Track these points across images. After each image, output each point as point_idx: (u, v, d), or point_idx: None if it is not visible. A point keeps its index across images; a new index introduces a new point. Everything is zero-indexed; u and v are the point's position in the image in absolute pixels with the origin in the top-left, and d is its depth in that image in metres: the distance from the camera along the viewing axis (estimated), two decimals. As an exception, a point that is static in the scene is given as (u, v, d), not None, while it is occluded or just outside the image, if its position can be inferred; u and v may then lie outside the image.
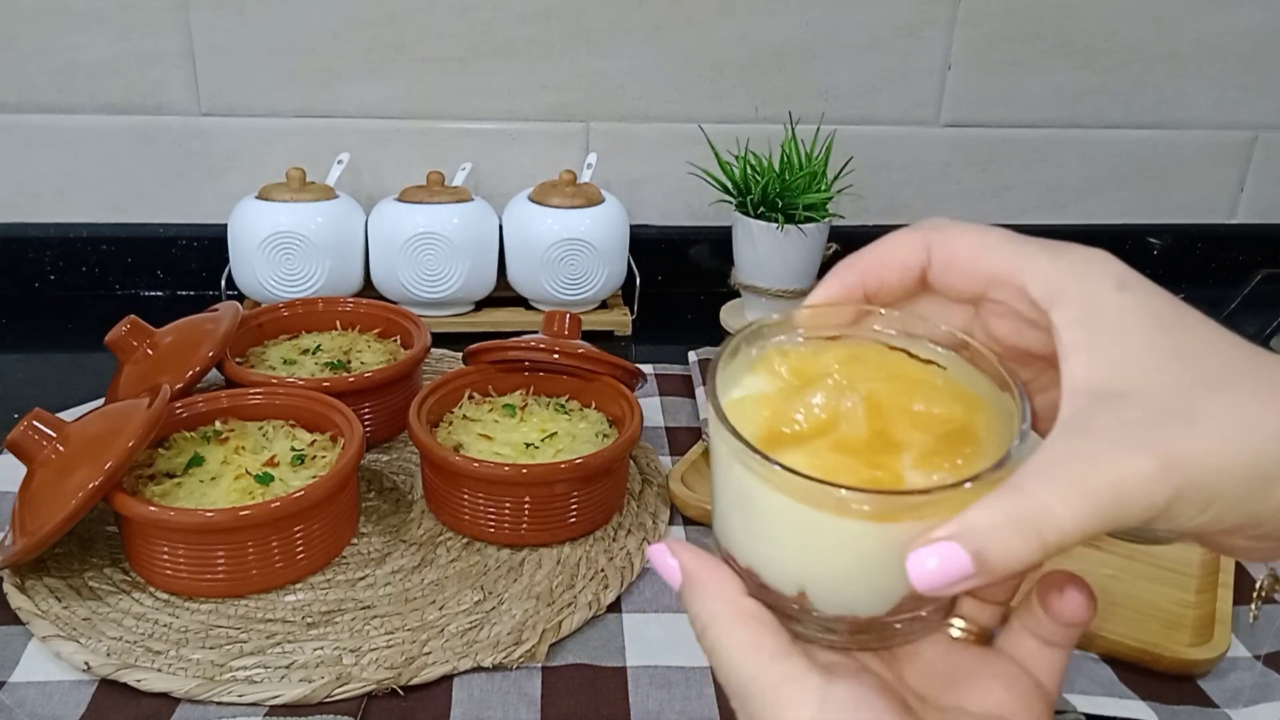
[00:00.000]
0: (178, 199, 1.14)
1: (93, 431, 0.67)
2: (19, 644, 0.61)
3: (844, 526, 0.30)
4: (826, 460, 0.31)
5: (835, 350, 0.35)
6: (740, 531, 0.33)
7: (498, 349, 0.80)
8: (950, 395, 0.33)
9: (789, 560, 0.32)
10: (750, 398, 0.33)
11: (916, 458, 0.31)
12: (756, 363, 0.35)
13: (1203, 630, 0.65)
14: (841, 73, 1.17)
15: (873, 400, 0.33)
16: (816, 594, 0.32)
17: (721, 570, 0.34)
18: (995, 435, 0.32)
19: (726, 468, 0.33)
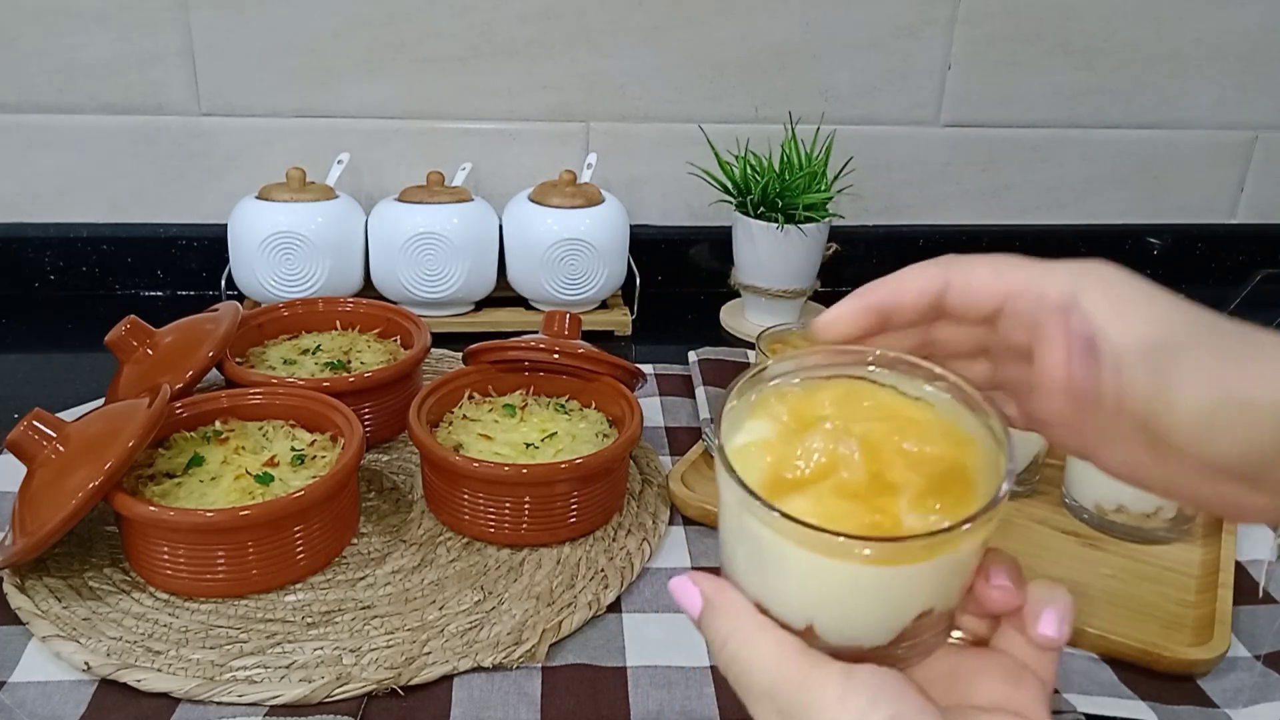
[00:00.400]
0: (178, 199, 1.14)
1: (93, 431, 0.67)
2: (19, 644, 0.61)
3: (849, 569, 0.32)
4: (829, 506, 0.33)
5: (829, 390, 0.37)
6: (748, 569, 0.35)
7: (498, 349, 0.80)
8: (940, 433, 0.35)
9: (796, 597, 0.34)
10: (754, 444, 0.35)
11: (913, 499, 0.33)
12: (756, 405, 0.37)
13: (1203, 630, 0.65)
14: (841, 73, 1.17)
15: (867, 441, 0.34)
16: (824, 627, 0.34)
17: (736, 593, 0.36)
18: (984, 471, 0.35)
19: (736, 513, 0.34)
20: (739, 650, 0.34)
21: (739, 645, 0.35)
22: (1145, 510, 0.73)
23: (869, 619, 0.34)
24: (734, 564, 0.36)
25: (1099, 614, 0.65)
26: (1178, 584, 0.70)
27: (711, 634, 0.36)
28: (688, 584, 0.37)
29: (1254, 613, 0.68)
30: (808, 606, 0.34)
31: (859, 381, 0.38)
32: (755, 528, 0.33)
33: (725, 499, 0.35)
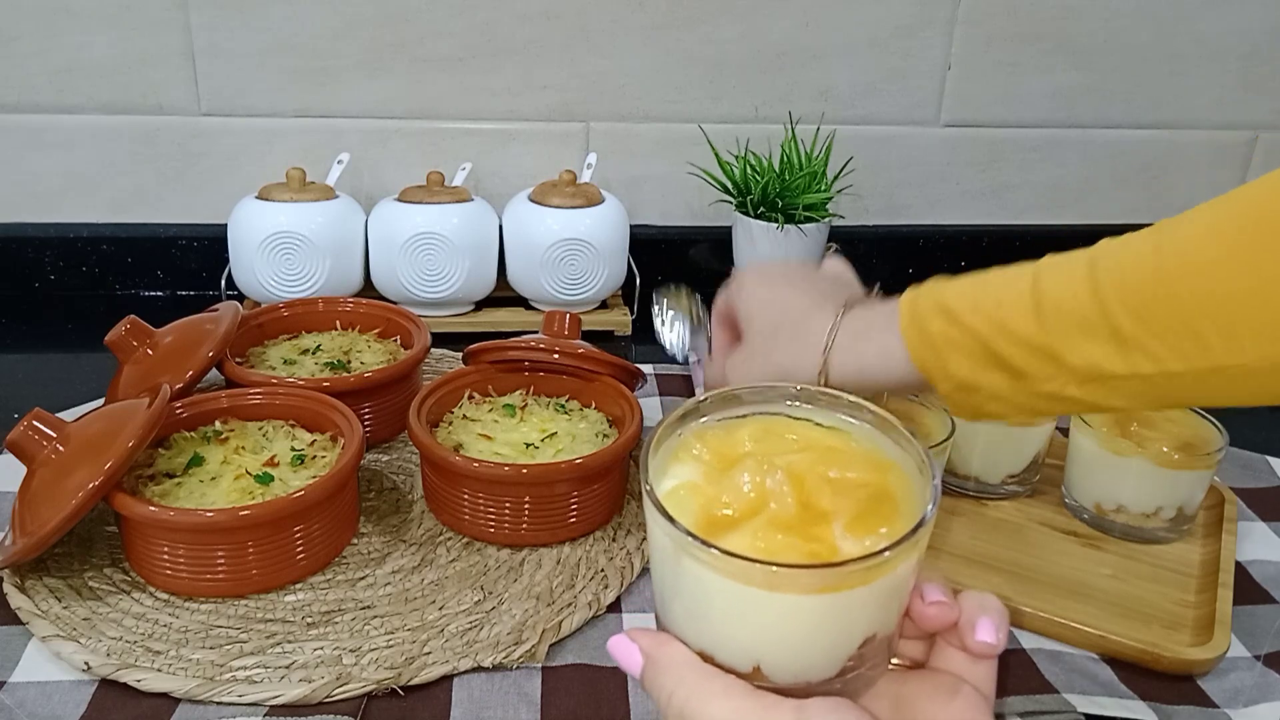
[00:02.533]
0: (178, 199, 1.14)
1: (93, 431, 0.67)
2: (19, 644, 0.61)
3: (793, 602, 0.33)
4: (767, 540, 0.34)
5: (747, 428, 0.38)
6: (689, 617, 0.35)
7: (498, 349, 0.80)
8: (860, 459, 0.37)
9: (742, 638, 0.34)
10: (682, 486, 0.36)
11: (846, 525, 0.34)
12: (678, 449, 0.38)
13: (1203, 630, 0.65)
14: (841, 73, 1.17)
15: (792, 472, 0.35)
16: (771, 666, 0.34)
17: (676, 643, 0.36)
18: (909, 491, 0.36)
19: (673, 558, 0.34)
20: (686, 703, 0.34)
21: (685, 697, 0.34)
22: (1145, 510, 0.73)
23: (815, 651, 0.34)
24: (673, 614, 0.36)
25: (1099, 614, 0.65)
26: (1178, 584, 0.70)
27: (656, 690, 0.35)
28: (626, 643, 0.36)
29: (1254, 613, 0.68)
30: (754, 646, 0.34)
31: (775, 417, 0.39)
32: (695, 570, 0.33)
33: (659, 544, 0.35)
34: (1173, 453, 0.71)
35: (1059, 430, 0.79)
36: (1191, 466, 0.71)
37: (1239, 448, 0.87)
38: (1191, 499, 0.73)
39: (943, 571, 0.69)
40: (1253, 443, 0.89)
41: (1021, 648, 0.64)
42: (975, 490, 0.79)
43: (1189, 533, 0.75)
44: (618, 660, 0.37)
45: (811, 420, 0.39)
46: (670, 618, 0.36)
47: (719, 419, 0.39)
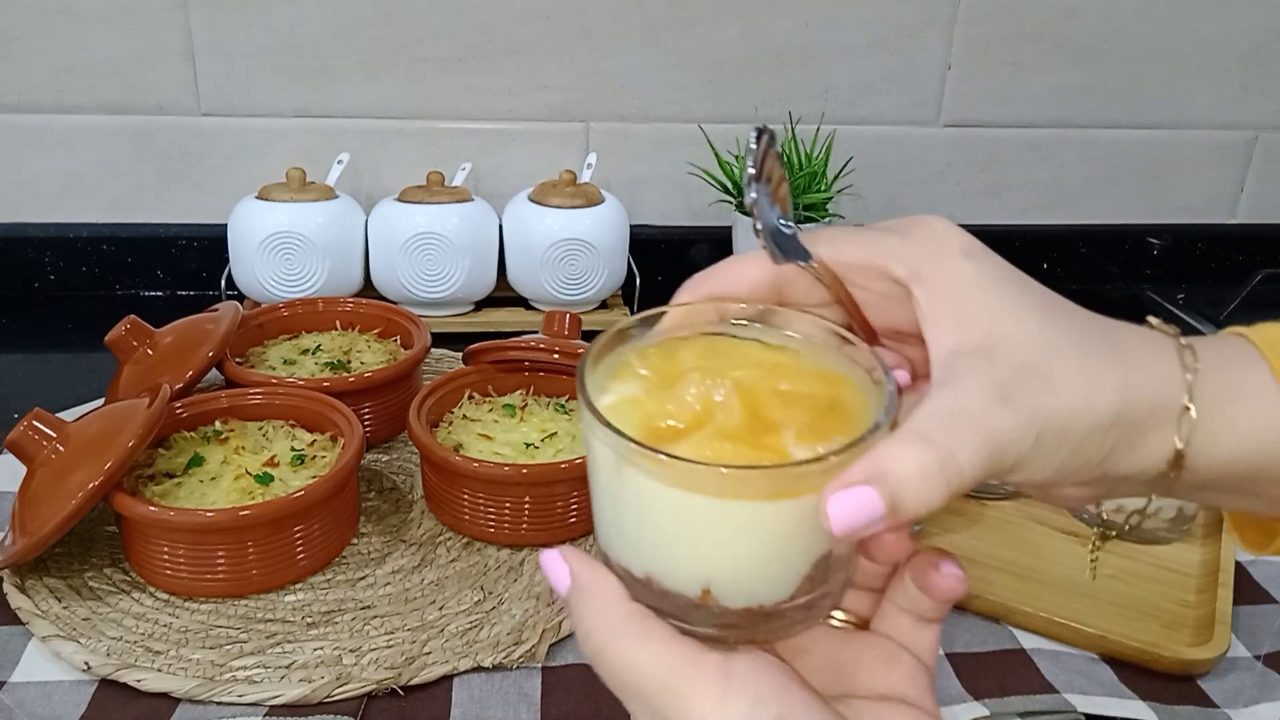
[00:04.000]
0: (178, 199, 1.14)
1: (93, 431, 0.67)
2: (19, 644, 0.61)
3: (747, 511, 0.31)
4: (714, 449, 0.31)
5: (690, 346, 0.36)
6: (635, 539, 0.33)
7: (498, 349, 0.80)
8: (811, 374, 0.34)
9: (692, 557, 0.32)
10: (621, 401, 0.33)
11: (798, 434, 0.32)
12: (618, 368, 0.35)
13: (1203, 630, 0.65)
14: (841, 73, 1.17)
15: (741, 386, 0.33)
16: (722, 587, 0.32)
17: (608, 576, 0.33)
18: (862, 403, 0.33)
19: (615, 473, 0.32)
20: (605, 644, 0.32)
21: (605, 639, 0.32)
22: (1145, 510, 0.73)
23: (770, 568, 0.32)
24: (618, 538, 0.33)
25: (1099, 614, 0.65)
26: (1178, 584, 0.70)
27: (577, 621, 0.33)
28: (558, 560, 0.34)
29: (1254, 613, 0.68)
30: (704, 566, 0.32)
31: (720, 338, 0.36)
32: (639, 484, 0.31)
33: (600, 461, 0.33)
34: (1173, 453, 0.71)
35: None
36: (1191, 466, 0.71)
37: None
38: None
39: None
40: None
41: (1021, 648, 0.64)
42: (975, 490, 0.78)
43: (1189, 533, 0.75)
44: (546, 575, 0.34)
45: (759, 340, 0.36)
46: (613, 544, 0.34)
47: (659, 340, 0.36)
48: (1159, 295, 1.27)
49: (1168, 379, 0.33)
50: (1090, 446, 0.32)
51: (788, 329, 0.36)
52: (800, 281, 0.36)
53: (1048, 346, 0.32)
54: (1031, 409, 0.31)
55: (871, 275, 0.35)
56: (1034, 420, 0.31)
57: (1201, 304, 1.22)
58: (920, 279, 0.34)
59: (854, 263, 0.35)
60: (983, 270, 0.33)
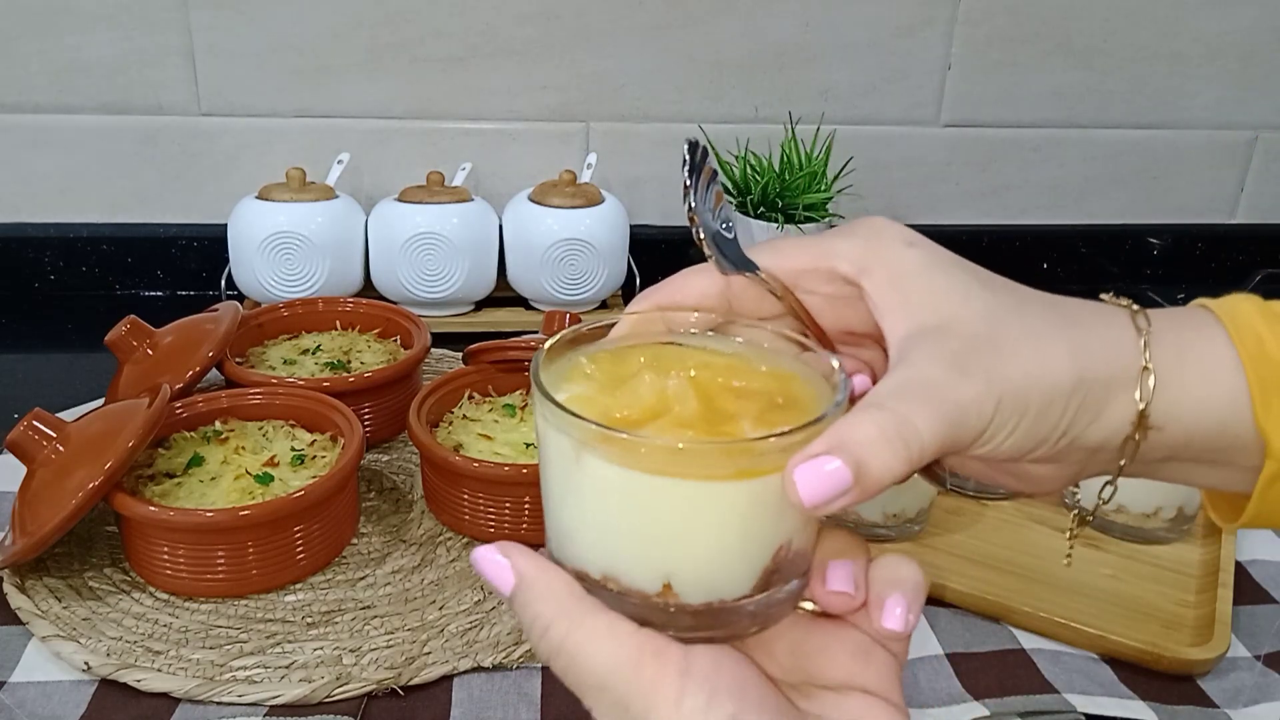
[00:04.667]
0: (178, 199, 1.14)
1: (93, 431, 0.67)
2: (19, 644, 0.61)
3: (706, 493, 0.30)
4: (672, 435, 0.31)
5: (639, 352, 0.36)
6: (594, 535, 0.33)
7: (498, 349, 0.80)
8: (764, 373, 0.35)
9: (653, 547, 0.32)
10: (574, 398, 0.33)
11: (754, 421, 0.32)
12: (569, 370, 0.35)
13: (1203, 630, 0.65)
14: (841, 73, 1.17)
15: (695, 381, 0.33)
16: (683, 580, 0.32)
17: (558, 571, 0.33)
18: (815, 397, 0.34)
19: (574, 463, 0.31)
20: (566, 638, 0.31)
21: (565, 632, 0.31)
22: (1145, 510, 0.73)
23: (730, 557, 0.32)
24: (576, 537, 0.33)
25: (1099, 614, 0.65)
26: (1178, 584, 0.70)
27: (531, 618, 0.32)
28: (495, 557, 0.33)
29: (1254, 613, 0.68)
30: (664, 557, 0.32)
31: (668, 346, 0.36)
32: (598, 473, 0.31)
33: (557, 454, 0.32)
34: (1173, 453, 0.71)
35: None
36: (1191, 466, 0.71)
37: (1239, 448, 0.86)
38: (1191, 499, 0.73)
39: (943, 571, 0.69)
40: (1253, 443, 0.88)
41: (1021, 648, 0.64)
42: (975, 490, 0.79)
43: (1189, 533, 0.75)
44: (483, 575, 0.33)
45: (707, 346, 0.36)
46: (569, 546, 0.33)
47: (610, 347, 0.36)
48: (1159, 295, 1.27)
49: (1123, 341, 0.33)
50: (1052, 413, 0.32)
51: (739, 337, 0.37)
52: (750, 292, 0.36)
53: (998, 319, 0.33)
54: (987, 377, 0.31)
55: (820, 278, 0.36)
56: (990, 388, 0.31)
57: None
58: (867, 272, 0.34)
59: (800, 267, 0.36)
60: (927, 257, 0.34)
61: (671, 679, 0.30)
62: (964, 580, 0.68)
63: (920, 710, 0.59)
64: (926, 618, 0.66)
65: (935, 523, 0.75)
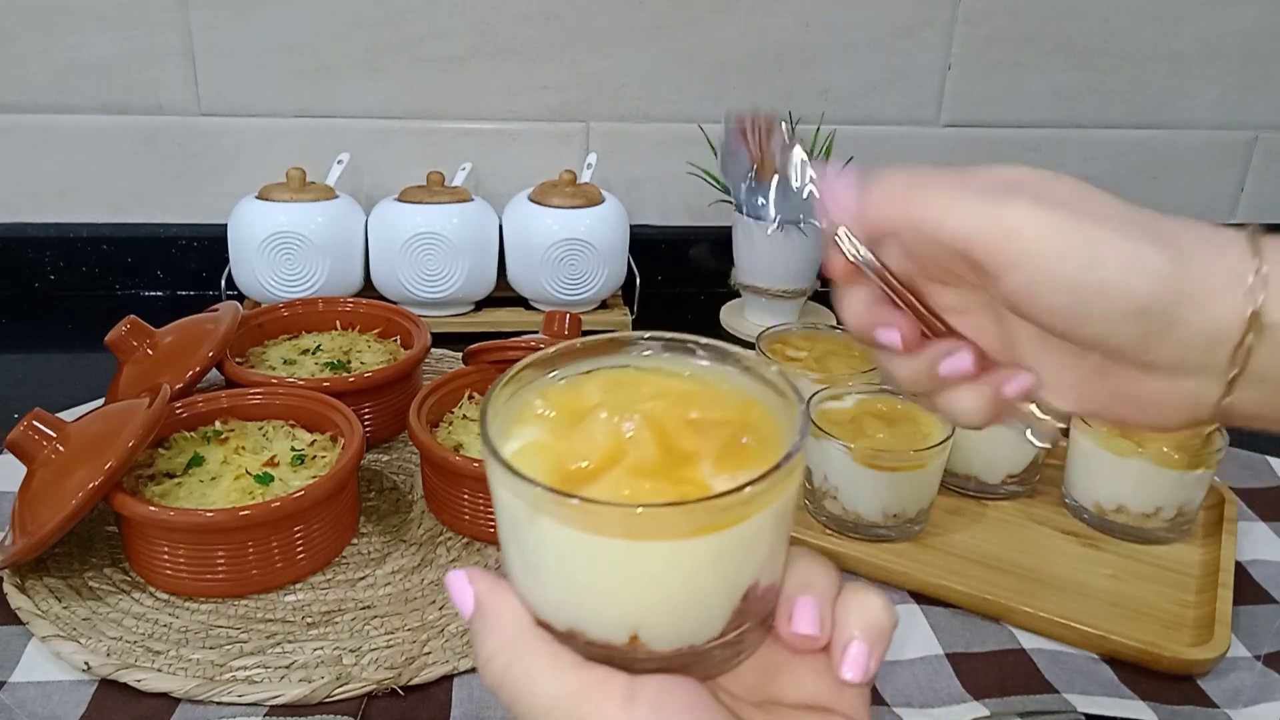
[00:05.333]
0: (178, 199, 1.14)
1: (93, 431, 0.67)
2: (19, 644, 0.61)
3: (669, 551, 0.29)
4: (630, 487, 0.30)
5: (594, 381, 0.35)
6: (555, 593, 0.32)
7: (498, 349, 0.80)
8: (720, 399, 0.34)
9: (617, 604, 0.31)
10: (527, 447, 0.32)
11: (714, 463, 0.31)
12: (520, 410, 0.34)
13: (1203, 630, 0.65)
14: (841, 73, 1.17)
15: (650, 418, 0.32)
16: (651, 632, 0.31)
17: (511, 600, 0.32)
18: (774, 425, 0.33)
19: (528, 524, 0.30)
20: (508, 670, 0.31)
21: (507, 664, 0.31)
22: (1145, 510, 0.73)
23: (697, 608, 0.31)
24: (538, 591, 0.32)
25: (1099, 614, 0.65)
26: (1178, 584, 0.70)
27: (479, 645, 0.32)
28: (463, 582, 0.33)
29: (1254, 613, 0.68)
30: (630, 613, 0.31)
31: (623, 370, 0.36)
32: (555, 534, 0.30)
33: (510, 513, 0.31)
34: (1173, 453, 0.71)
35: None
36: (1192, 466, 0.71)
37: (1239, 448, 0.87)
38: (1192, 499, 0.73)
39: (943, 571, 0.69)
40: (1253, 443, 0.89)
41: (1021, 648, 0.64)
42: (975, 490, 0.79)
43: (1189, 533, 0.75)
44: (452, 599, 0.33)
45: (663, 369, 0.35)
46: (533, 600, 0.32)
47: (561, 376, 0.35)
48: (1159, 295, 1.26)
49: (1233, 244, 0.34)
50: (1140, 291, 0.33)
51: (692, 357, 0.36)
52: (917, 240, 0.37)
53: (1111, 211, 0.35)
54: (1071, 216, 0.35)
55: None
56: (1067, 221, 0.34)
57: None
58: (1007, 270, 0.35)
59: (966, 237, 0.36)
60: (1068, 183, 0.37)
61: (615, 706, 0.30)
62: (964, 580, 0.68)
63: (920, 710, 0.59)
64: (926, 618, 0.66)
65: (935, 523, 0.75)
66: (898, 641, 0.64)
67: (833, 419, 0.73)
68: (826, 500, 0.73)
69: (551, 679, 0.30)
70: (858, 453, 0.70)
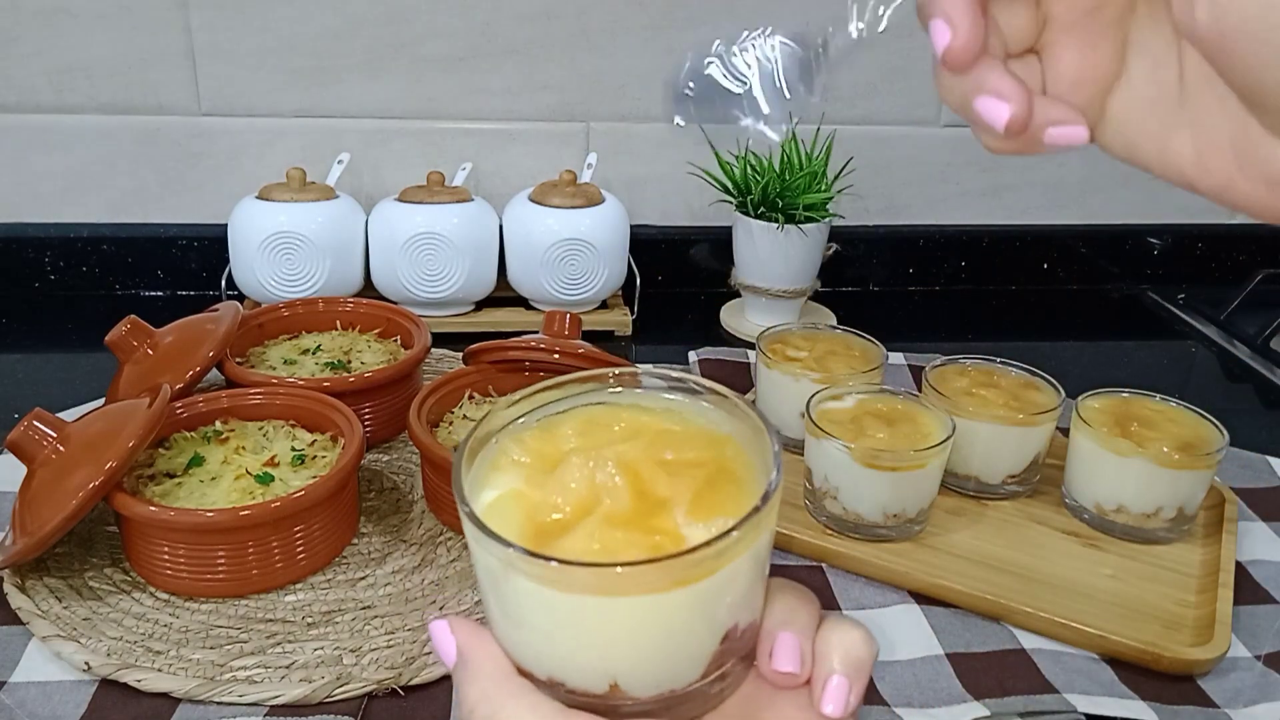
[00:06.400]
0: (178, 199, 1.14)
1: (93, 431, 0.67)
2: (19, 644, 0.61)
3: (645, 604, 0.30)
4: (604, 539, 0.30)
5: (568, 423, 0.35)
6: (533, 644, 0.32)
7: (498, 349, 0.80)
8: (693, 437, 0.34)
9: (595, 656, 0.31)
10: (503, 497, 0.33)
11: (688, 511, 0.31)
12: (495, 457, 0.34)
13: (1203, 630, 0.65)
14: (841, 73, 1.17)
15: (624, 463, 0.32)
16: (630, 681, 0.31)
17: (493, 649, 0.33)
18: (747, 463, 0.33)
19: (503, 580, 0.31)
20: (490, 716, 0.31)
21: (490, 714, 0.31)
22: (1145, 510, 0.73)
23: (675, 656, 0.31)
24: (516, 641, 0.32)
25: (1099, 614, 0.65)
26: (1178, 584, 0.70)
27: (461, 695, 0.32)
28: (445, 632, 0.34)
29: (1254, 613, 0.68)
30: (608, 663, 0.31)
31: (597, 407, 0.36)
32: (530, 591, 0.30)
33: (486, 567, 0.32)
34: (1173, 453, 0.71)
35: (1059, 430, 0.79)
36: (1192, 466, 0.71)
37: (1239, 448, 0.87)
38: (1192, 499, 0.73)
39: (943, 571, 0.69)
40: (1253, 443, 0.89)
41: (1021, 648, 0.64)
42: (975, 490, 0.79)
43: (1189, 533, 0.75)
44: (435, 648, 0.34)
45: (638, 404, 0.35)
46: (513, 649, 0.33)
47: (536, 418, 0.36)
48: (1159, 295, 1.27)
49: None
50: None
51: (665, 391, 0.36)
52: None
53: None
54: None
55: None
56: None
57: (1201, 304, 1.22)
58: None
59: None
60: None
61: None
62: (964, 580, 0.68)
63: (920, 710, 0.59)
64: (926, 618, 0.66)
65: (935, 523, 0.75)
66: (898, 641, 0.64)
67: (833, 419, 0.73)
68: (826, 500, 0.73)
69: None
70: (858, 453, 0.70)
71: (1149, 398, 0.78)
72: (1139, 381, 0.80)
